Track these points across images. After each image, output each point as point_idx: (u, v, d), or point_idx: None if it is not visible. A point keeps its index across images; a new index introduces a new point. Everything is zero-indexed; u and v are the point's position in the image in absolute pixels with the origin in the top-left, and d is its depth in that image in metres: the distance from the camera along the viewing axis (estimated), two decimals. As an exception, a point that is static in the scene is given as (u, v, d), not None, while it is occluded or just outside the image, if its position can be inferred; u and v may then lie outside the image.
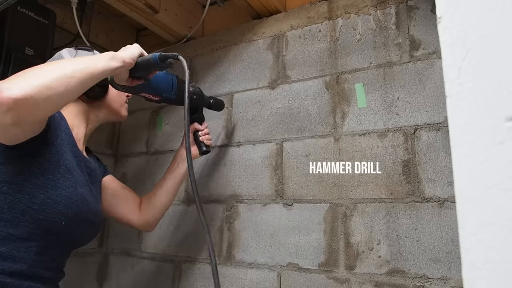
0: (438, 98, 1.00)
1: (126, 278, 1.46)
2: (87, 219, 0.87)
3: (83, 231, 0.89)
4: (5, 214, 0.75)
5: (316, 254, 1.08)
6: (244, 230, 1.22)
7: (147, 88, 0.96)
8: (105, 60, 0.77)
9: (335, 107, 1.15)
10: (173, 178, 1.12)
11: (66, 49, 1.01)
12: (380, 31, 1.12)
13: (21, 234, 0.76)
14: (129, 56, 0.81)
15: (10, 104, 0.62)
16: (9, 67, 1.16)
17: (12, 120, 0.64)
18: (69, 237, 0.86)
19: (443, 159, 0.97)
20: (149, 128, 1.57)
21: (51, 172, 0.80)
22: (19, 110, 0.63)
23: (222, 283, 1.22)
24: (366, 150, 1.07)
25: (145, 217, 1.11)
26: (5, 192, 0.75)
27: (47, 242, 0.80)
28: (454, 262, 0.90)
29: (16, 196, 0.75)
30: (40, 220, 0.77)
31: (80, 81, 0.71)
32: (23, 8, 1.22)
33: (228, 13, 1.49)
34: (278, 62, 1.29)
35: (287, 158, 1.19)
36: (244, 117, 1.31)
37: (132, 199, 1.11)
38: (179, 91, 1.04)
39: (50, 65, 0.71)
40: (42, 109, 0.68)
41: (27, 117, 0.67)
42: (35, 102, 0.64)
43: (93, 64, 0.74)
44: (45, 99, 0.66)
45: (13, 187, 0.75)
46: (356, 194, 1.06)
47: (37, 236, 0.78)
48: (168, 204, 1.14)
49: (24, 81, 0.65)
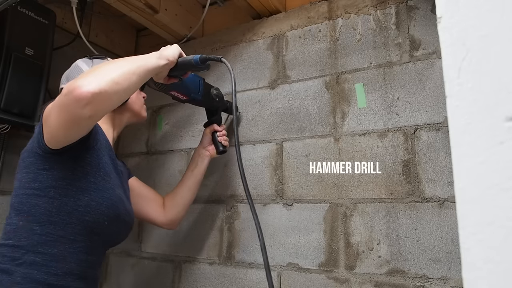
0: (438, 98, 1.00)
1: (126, 278, 1.46)
2: (123, 219, 0.92)
3: (120, 231, 0.95)
4: (53, 217, 0.80)
5: (316, 254, 1.08)
6: (244, 230, 1.22)
7: (179, 87, 1.01)
8: (155, 58, 0.82)
9: (335, 107, 1.15)
10: (193, 176, 1.17)
11: (81, 59, 1.06)
12: (380, 31, 1.12)
13: (69, 235, 0.81)
14: (172, 55, 0.86)
15: (89, 98, 0.67)
16: (9, 67, 1.16)
17: (91, 112, 0.70)
18: (109, 237, 0.91)
19: (443, 159, 0.97)
20: (149, 128, 1.57)
21: (92, 175, 0.84)
22: (96, 103, 0.69)
23: (222, 283, 1.22)
24: (366, 150, 1.07)
25: (170, 216, 1.15)
26: (52, 197, 0.80)
27: (92, 242, 0.85)
28: (454, 262, 0.90)
29: (63, 199, 0.80)
30: (86, 221, 0.82)
31: (139, 77, 0.78)
32: (23, 8, 1.22)
33: (228, 13, 1.49)
34: (278, 62, 1.29)
35: (287, 158, 1.19)
36: (244, 117, 1.31)
37: (156, 199, 1.16)
38: (205, 92, 1.12)
39: (112, 63, 0.77)
40: (113, 102, 0.75)
41: (101, 110, 0.73)
42: (108, 96, 0.71)
43: (146, 62, 0.80)
44: (115, 92, 0.72)
45: (59, 191, 0.80)
46: (356, 194, 1.06)
47: (83, 237, 0.83)
48: (190, 202, 1.19)
49: (97, 77, 0.70)
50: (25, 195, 0.81)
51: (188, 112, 1.46)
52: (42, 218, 0.79)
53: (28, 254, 0.78)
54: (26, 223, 0.79)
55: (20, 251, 0.78)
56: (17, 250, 0.78)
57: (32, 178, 0.81)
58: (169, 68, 0.87)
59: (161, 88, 0.96)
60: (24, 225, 0.79)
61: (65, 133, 0.75)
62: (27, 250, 0.78)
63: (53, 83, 1.39)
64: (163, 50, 0.86)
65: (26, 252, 0.78)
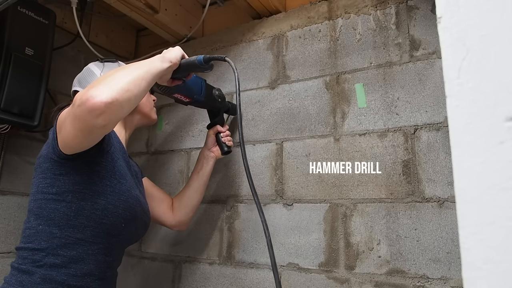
0: (438, 98, 1.00)
1: (126, 278, 1.46)
2: (141, 219, 0.95)
3: (138, 231, 0.97)
4: (72, 221, 0.82)
5: (316, 254, 1.08)
6: (244, 230, 1.22)
7: (182, 89, 1.01)
8: (158, 62, 0.82)
9: (335, 107, 1.15)
10: (200, 178, 1.18)
11: (93, 63, 1.08)
12: (380, 31, 1.12)
13: (88, 238, 0.83)
14: (175, 56, 0.86)
15: (103, 108, 0.68)
16: (9, 67, 1.16)
17: (104, 122, 0.70)
18: (127, 237, 0.93)
19: (443, 159, 0.97)
20: (149, 128, 1.57)
21: (108, 179, 0.86)
22: (110, 113, 0.70)
23: (222, 283, 1.22)
24: (366, 150, 1.07)
25: (178, 217, 1.17)
26: (70, 201, 0.82)
27: (110, 244, 0.88)
28: (454, 262, 0.90)
29: (80, 203, 0.82)
30: (104, 224, 0.85)
31: (147, 83, 0.78)
32: (23, 8, 1.22)
33: (228, 13, 1.49)
34: (278, 62, 1.29)
35: (287, 158, 1.19)
36: (244, 117, 1.31)
37: (166, 200, 1.17)
38: (207, 94, 1.11)
39: (122, 70, 0.77)
40: (125, 110, 0.74)
41: (114, 119, 0.73)
42: (120, 105, 0.71)
43: (152, 66, 0.80)
44: (126, 100, 0.72)
45: (76, 195, 0.82)
46: (356, 194, 1.06)
47: (101, 239, 0.86)
48: (198, 203, 1.20)
49: (108, 86, 0.70)
50: (44, 199, 0.83)
51: (188, 112, 1.46)
52: (61, 222, 0.82)
53: (48, 257, 0.81)
54: (45, 227, 0.82)
55: (40, 253, 0.81)
56: (38, 252, 0.81)
57: (49, 183, 0.83)
58: (172, 70, 0.87)
59: (165, 91, 0.96)
60: (44, 229, 0.82)
61: (80, 141, 0.77)
62: (47, 253, 0.81)
63: (53, 83, 1.39)
64: (166, 52, 0.86)
65: (47, 254, 0.81)
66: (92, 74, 1.04)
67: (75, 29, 1.37)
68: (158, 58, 0.84)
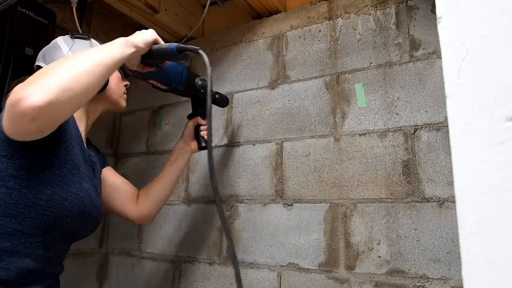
0: (438, 98, 1.00)
1: (126, 278, 1.46)
2: (90, 214, 0.85)
3: (86, 226, 0.88)
4: (10, 210, 0.72)
5: (316, 254, 1.08)
6: (244, 230, 1.22)
7: (157, 76, 0.95)
8: (120, 48, 0.74)
9: (335, 107, 1.15)
10: (171, 173, 1.11)
11: (62, 37, 0.97)
12: (380, 31, 1.12)
13: (26, 230, 0.74)
14: (142, 41, 0.79)
15: (35, 113, 0.59)
16: (9, 67, 1.16)
17: (38, 127, 0.63)
18: (73, 232, 0.85)
19: (443, 159, 0.97)
20: (149, 128, 1.57)
21: (58, 167, 0.78)
22: (44, 117, 0.61)
23: (222, 283, 1.22)
24: (366, 150, 1.07)
25: (141, 211, 1.08)
26: (11, 187, 0.72)
27: (51, 238, 0.79)
28: (454, 262, 0.90)
29: (23, 191, 0.73)
30: (46, 216, 0.75)
31: (100, 75, 0.69)
32: (23, 8, 1.22)
33: (228, 13, 1.49)
34: (278, 62, 1.29)
35: (287, 158, 1.19)
36: (244, 117, 1.31)
37: (129, 192, 1.09)
38: (187, 82, 1.03)
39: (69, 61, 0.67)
40: (66, 112, 0.66)
41: (52, 123, 0.65)
42: (58, 108, 0.62)
43: (110, 54, 0.72)
44: (66, 101, 0.63)
45: (19, 182, 0.73)
46: (356, 194, 1.06)
47: (42, 232, 0.76)
48: (164, 200, 1.11)
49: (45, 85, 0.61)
50: None
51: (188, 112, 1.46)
52: None
53: None
54: None
55: None
56: None
57: None
58: (138, 56, 0.80)
59: (137, 76, 0.90)
60: None
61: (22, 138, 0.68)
62: None
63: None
64: (133, 35, 0.79)
65: None
66: (58, 50, 0.94)
67: (75, 29, 1.37)
68: (122, 42, 0.75)
